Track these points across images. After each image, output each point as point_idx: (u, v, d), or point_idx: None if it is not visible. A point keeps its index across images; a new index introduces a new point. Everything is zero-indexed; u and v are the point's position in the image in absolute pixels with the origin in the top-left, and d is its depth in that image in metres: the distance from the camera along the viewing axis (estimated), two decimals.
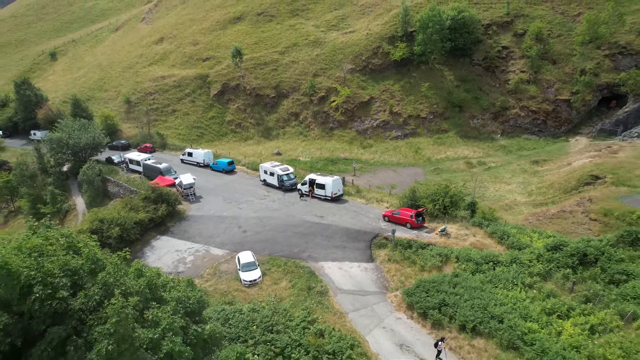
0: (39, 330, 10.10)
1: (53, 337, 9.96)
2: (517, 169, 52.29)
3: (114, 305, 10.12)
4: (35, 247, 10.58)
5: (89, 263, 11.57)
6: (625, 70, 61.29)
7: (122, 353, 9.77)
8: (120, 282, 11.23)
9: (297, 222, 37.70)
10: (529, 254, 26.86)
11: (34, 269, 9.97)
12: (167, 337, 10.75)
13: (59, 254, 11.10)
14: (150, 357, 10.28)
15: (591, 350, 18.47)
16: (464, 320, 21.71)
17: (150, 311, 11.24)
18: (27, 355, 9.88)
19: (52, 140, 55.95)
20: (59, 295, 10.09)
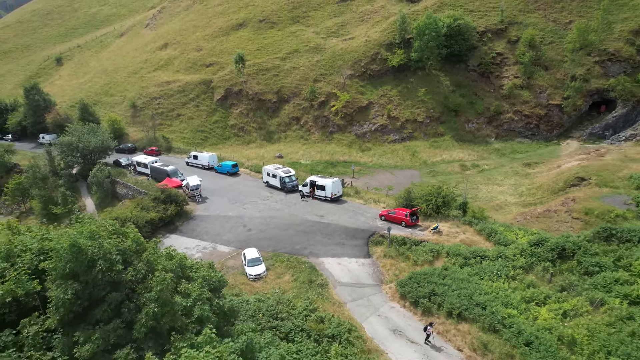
0: (100, 296, 12.51)
1: (111, 300, 12.41)
2: (509, 171, 54.66)
3: (158, 277, 12.60)
4: (93, 232, 13.00)
5: (134, 245, 14.05)
6: (614, 76, 63.80)
7: (164, 315, 12.22)
8: (158, 261, 13.76)
9: (298, 221, 40.06)
10: (513, 249, 29.21)
11: (96, 248, 12.38)
12: (197, 306, 13.20)
13: (112, 237, 13.63)
14: (185, 320, 12.71)
15: (561, 331, 20.80)
16: (450, 307, 24.05)
17: (183, 285, 13.70)
18: (92, 315, 12.28)
19: (62, 144, 58.44)
20: (115, 268, 12.54)
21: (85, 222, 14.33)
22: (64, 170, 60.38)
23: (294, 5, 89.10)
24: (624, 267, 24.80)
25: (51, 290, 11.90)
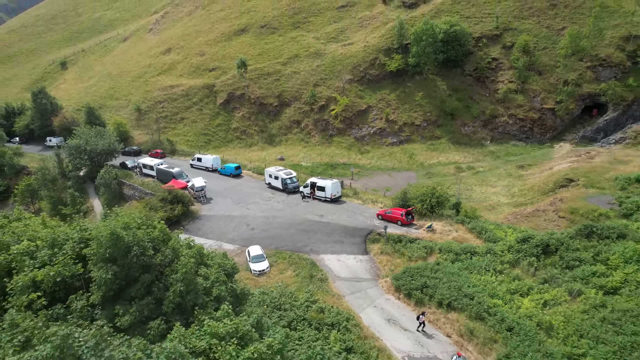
0: (135, 277, 14.58)
1: (144, 281, 14.48)
2: (503, 173, 56.75)
3: (182, 261, 14.69)
4: (127, 223, 15.08)
5: (161, 234, 16.14)
6: (605, 81, 66.03)
7: (188, 293, 14.28)
8: (181, 249, 15.87)
9: (299, 220, 42.12)
10: (502, 245, 31.28)
11: (130, 237, 14.46)
12: (215, 287, 15.24)
13: (141, 227, 15.74)
14: (205, 298, 14.75)
15: (540, 318, 22.82)
16: (441, 298, 26.08)
17: (202, 269, 15.77)
18: (127, 293, 14.33)
19: (70, 147, 60.59)
20: (147, 253, 14.62)
21: (119, 216, 16.52)
22: (72, 172, 62.50)
23: (294, 11, 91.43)
24: (601, 261, 26.86)
25: (93, 271, 13.98)
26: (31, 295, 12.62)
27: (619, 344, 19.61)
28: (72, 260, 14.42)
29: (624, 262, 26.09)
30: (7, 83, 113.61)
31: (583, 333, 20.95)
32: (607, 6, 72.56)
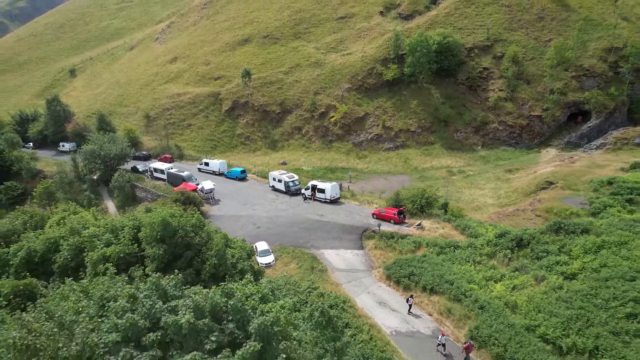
0: (179, 253, 18.78)
1: (187, 256, 18.70)
2: (491, 176, 60.93)
3: (215, 241, 18.88)
4: (172, 213, 19.27)
5: (198, 222, 20.38)
6: (589, 90, 70.50)
7: (220, 265, 18.43)
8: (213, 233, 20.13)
9: (301, 219, 46.29)
10: (482, 240, 35.43)
11: (176, 222, 18.67)
12: (239, 262, 19.38)
13: (182, 216, 19.99)
14: (232, 270, 18.84)
15: (508, 299, 26.93)
16: (425, 283, 30.18)
17: (229, 250, 19.94)
18: (174, 266, 18.47)
19: (86, 152, 64.91)
20: (189, 236, 18.80)
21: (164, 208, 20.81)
22: (87, 176, 66.71)
23: (295, 22, 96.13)
24: (565, 252, 31.02)
25: (147, 249, 18.14)
26: (107, 264, 16.64)
27: (567, 316, 23.70)
28: (130, 242, 18.57)
29: (584, 252, 30.25)
30: (18, 90, 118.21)
31: (540, 309, 25.06)
32: (591, 19, 77.23)
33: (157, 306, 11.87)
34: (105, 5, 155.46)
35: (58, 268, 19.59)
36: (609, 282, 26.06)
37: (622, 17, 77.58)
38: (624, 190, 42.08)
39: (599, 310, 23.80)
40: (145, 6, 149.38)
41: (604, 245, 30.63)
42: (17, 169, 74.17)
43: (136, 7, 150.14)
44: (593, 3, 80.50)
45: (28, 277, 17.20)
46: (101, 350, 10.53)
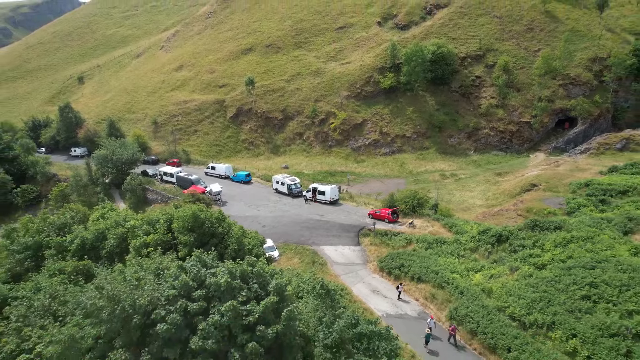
0: (206, 241, 22.89)
1: (212, 243, 22.82)
2: (482, 179, 65.04)
3: (234, 231, 22.98)
4: (199, 208, 23.39)
5: (220, 215, 24.54)
6: (575, 97, 74.85)
7: (239, 250, 22.50)
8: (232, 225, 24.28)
9: (303, 219, 50.37)
10: (466, 237, 39.51)
11: (204, 215, 22.81)
12: (254, 248, 23.44)
13: (207, 211, 24.18)
14: (249, 254, 22.90)
15: (485, 286, 30.95)
16: (413, 274, 34.18)
17: (245, 239, 24.02)
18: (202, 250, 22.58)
19: (99, 157, 69.16)
20: (214, 226, 22.92)
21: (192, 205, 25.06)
22: (99, 179, 70.87)
23: (297, 32, 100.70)
24: (539, 246, 35.09)
25: (180, 237, 22.20)
26: (149, 249, 20.60)
27: (532, 298, 27.70)
28: (165, 231, 22.65)
29: (554, 246, 34.30)
30: (28, 97, 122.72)
31: (511, 293, 29.05)
32: (578, 30, 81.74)
33: (201, 272, 15.90)
34: (111, 14, 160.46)
35: (106, 253, 23.80)
36: (572, 270, 30.11)
37: (607, 28, 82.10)
38: (598, 191, 46.24)
39: (559, 293, 27.85)
40: (150, 14, 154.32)
41: (573, 240, 34.69)
42: (32, 173, 78.40)
43: (141, 16, 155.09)
44: (580, 15, 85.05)
45: (84, 261, 21.33)
46: (163, 302, 14.52)
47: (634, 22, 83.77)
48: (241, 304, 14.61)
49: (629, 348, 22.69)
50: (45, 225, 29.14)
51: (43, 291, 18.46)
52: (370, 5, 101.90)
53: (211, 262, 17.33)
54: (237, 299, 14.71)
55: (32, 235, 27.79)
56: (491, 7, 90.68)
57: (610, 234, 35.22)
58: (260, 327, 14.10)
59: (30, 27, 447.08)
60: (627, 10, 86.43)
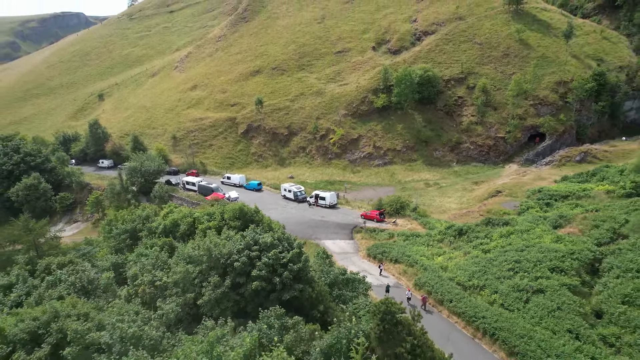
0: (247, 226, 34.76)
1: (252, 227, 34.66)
2: (459, 187, 76.69)
3: (265, 219, 34.59)
4: (243, 204, 35.01)
5: (256, 209, 36.43)
6: (543, 116, 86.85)
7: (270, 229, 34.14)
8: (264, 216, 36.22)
9: (307, 220, 61.96)
10: (435, 231, 51.13)
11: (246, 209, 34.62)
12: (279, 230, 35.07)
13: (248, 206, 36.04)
14: None
15: (443, 264, 42.46)
16: (391, 257, 45.69)
17: (273, 224, 35.67)
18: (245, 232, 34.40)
19: (129, 168, 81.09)
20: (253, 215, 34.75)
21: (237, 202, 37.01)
22: (129, 187, 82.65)
23: (300, 55, 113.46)
24: (488, 237, 46.68)
25: (230, 223, 33.76)
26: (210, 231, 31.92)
27: (473, 270, 39.17)
28: (220, 219, 34.26)
29: (499, 237, 45.86)
30: (52, 112, 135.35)
31: (459, 268, 40.55)
32: (547, 57, 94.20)
33: (256, 236, 27.35)
34: (126, 34, 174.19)
35: (180, 234, 35.30)
36: (506, 253, 41.66)
37: (573, 55, 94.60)
38: (546, 196, 57.95)
39: (493, 267, 39.40)
40: (162, 35, 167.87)
41: (514, 232, 46.32)
42: (68, 182, 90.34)
43: (154, 36, 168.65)
44: (549, 43, 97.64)
45: (169, 238, 32.78)
46: (235, 254, 25.93)
47: (597, 49, 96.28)
48: (280, 252, 26.00)
49: (528, 297, 34.20)
50: (135, 217, 41.07)
51: (148, 256, 29.97)
52: (366, 31, 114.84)
53: (260, 231, 28.69)
54: (277, 250, 26.03)
55: (129, 223, 39.72)
56: (473, 34, 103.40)
57: (543, 227, 46.84)
58: (290, 265, 25.40)
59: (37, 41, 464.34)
60: (591, 39, 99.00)
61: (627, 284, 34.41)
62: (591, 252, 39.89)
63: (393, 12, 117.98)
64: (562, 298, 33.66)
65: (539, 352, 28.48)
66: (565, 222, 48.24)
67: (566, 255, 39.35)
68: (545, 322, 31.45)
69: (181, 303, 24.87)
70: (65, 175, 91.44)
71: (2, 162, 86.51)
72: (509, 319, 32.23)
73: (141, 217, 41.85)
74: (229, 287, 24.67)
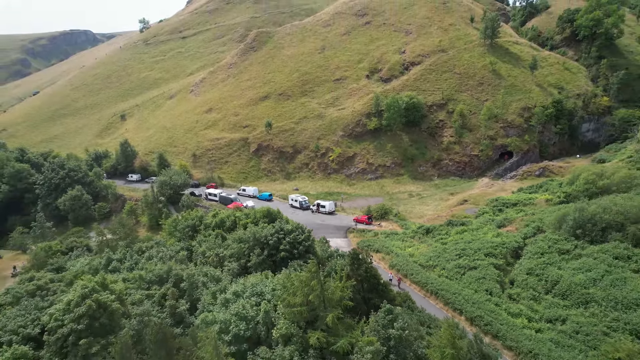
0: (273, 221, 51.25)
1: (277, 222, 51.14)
2: (437, 197, 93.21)
3: (284, 216, 51.01)
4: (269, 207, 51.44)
5: (278, 211, 52.84)
6: (511, 137, 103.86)
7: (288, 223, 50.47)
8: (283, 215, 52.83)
9: (311, 223, 78.02)
10: (409, 230, 67.64)
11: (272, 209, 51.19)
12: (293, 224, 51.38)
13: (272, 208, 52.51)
14: None
15: (411, 252, 58.73)
16: (374, 248, 61.97)
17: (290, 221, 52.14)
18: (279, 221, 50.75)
19: (160, 182, 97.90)
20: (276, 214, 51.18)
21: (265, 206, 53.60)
22: (160, 198, 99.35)
23: (302, 83, 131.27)
24: (447, 234, 63.15)
25: (260, 221, 50.10)
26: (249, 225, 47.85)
27: (431, 256, 55.46)
28: (253, 217, 50.78)
29: (456, 234, 62.32)
30: (80, 131, 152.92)
31: (422, 255, 56.85)
32: (515, 85, 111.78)
33: (281, 225, 43.62)
34: (143, 58, 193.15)
35: (226, 229, 51.84)
36: (457, 244, 58.05)
37: (537, 84, 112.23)
38: (500, 204, 74.52)
39: (446, 254, 55.75)
40: (176, 60, 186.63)
41: (467, 230, 62.84)
42: (104, 193, 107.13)
43: (169, 61, 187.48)
44: (518, 73, 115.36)
45: (220, 230, 49.13)
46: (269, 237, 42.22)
47: (559, 79, 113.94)
48: (295, 235, 42.40)
49: (465, 272, 50.58)
50: (194, 217, 57.90)
51: (207, 241, 46.27)
52: (361, 61, 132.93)
53: (284, 223, 45.05)
54: (295, 233, 42.41)
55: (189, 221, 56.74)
56: (453, 65, 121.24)
57: (489, 227, 63.36)
58: (303, 242, 41.72)
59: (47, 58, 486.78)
60: (554, 69, 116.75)
61: (532, 261, 50.88)
62: (517, 243, 56.44)
63: (385, 44, 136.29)
64: (487, 271, 50.07)
65: (463, 302, 44.75)
66: (508, 223, 64.83)
67: (499, 245, 55.89)
68: (471, 286, 47.82)
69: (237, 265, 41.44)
70: (102, 187, 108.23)
71: (51, 176, 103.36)
72: (448, 284, 48.61)
73: (197, 217, 58.49)
74: (266, 256, 41.08)
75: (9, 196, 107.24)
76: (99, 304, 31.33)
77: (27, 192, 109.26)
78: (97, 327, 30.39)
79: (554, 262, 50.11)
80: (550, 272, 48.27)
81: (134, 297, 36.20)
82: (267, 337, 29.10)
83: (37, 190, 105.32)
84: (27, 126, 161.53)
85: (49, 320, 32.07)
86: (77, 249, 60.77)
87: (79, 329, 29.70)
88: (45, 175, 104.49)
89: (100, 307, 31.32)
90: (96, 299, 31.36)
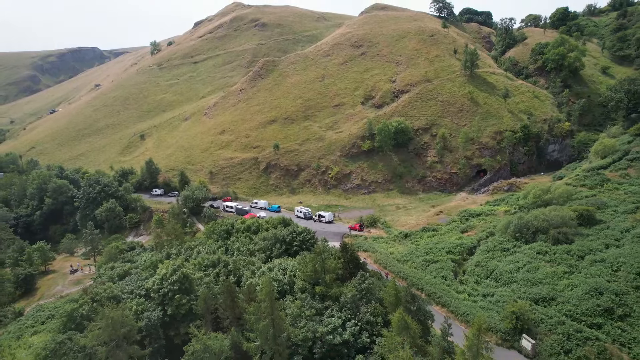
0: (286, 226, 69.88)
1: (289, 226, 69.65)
2: (420, 209, 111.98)
3: (294, 222, 69.58)
4: (283, 217, 69.85)
5: (289, 219, 71.39)
6: (485, 157, 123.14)
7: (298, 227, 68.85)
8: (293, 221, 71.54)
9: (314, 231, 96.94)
10: (392, 235, 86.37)
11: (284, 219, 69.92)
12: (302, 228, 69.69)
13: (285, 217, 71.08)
14: None
15: (391, 251, 77.20)
16: (363, 249, 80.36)
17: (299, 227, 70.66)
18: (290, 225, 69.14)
19: (184, 196, 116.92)
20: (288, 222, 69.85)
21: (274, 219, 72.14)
22: (184, 210, 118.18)
23: (305, 108, 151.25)
24: (421, 237, 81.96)
25: (278, 226, 68.71)
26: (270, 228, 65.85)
27: (405, 253, 73.89)
28: (273, 223, 69.42)
29: (427, 237, 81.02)
30: (103, 150, 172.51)
31: (400, 252, 75.29)
32: (490, 112, 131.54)
33: (294, 228, 62.16)
34: (158, 82, 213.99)
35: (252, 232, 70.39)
36: (427, 245, 76.73)
37: (509, 110, 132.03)
38: (467, 214, 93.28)
39: (417, 252, 74.37)
40: (189, 83, 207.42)
41: (436, 235, 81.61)
42: (134, 206, 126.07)
43: (182, 84, 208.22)
44: (493, 101, 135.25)
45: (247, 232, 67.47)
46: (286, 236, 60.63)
47: (528, 106, 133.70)
48: (304, 235, 60.72)
49: (428, 264, 69.16)
50: (228, 222, 76.77)
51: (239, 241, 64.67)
52: (357, 89, 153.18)
53: (296, 226, 63.45)
54: (303, 234, 60.64)
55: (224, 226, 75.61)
56: (437, 94, 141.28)
57: (454, 232, 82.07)
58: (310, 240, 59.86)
59: (55, 74, 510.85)
60: (525, 97, 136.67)
61: (480, 257, 69.55)
62: (472, 243, 75.13)
63: (378, 73, 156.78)
64: (445, 264, 68.67)
65: (424, 283, 63.22)
66: (470, 229, 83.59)
67: (457, 245, 74.58)
68: (432, 274, 66.40)
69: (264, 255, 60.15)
70: (131, 200, 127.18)
71: (89, 191, 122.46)
72: (415, 272, 67.17)
73: (230, 223, 77.34)
74: (284, 250, 59.54)
75: (51, 208, 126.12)
76: (184, 275, 49.84)
77: (66, 204, 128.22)
78: (183, 289, 48.77)
79: (496, 257, 68.76)
80: (491, 264, 66.89)
81: (197, 275, 54.77)
82: (290, 291, 47.87)
83: (77, 203, 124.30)
84: (55, 144, 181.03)
85: (152, 285, 51.00)
86: (138, 247, 79.48)
87: (174, 289, 48.41)
88: (84, 189, 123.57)
89: (185, 276, 49.82)
90: (182, 272, 49.92)
